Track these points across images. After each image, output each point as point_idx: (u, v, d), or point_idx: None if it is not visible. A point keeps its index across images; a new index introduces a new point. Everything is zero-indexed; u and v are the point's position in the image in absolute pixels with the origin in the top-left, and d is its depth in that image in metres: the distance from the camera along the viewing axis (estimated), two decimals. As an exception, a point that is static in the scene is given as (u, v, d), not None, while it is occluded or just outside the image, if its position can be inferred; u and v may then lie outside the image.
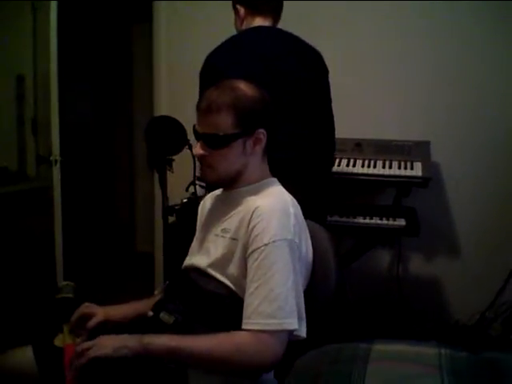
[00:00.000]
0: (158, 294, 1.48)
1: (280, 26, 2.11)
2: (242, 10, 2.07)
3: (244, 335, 1.15)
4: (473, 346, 0.97)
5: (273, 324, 1.14)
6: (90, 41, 4.61)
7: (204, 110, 1.29)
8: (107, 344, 1.13)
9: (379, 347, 0.95)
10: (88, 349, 1.12)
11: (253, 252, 1.20)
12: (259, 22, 2.04)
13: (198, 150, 1.32)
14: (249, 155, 1.31)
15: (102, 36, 4.68)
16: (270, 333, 1.15)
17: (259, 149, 1.32)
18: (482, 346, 0.95)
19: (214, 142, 1.28)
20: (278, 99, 1.83)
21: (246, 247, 1.23)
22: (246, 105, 1.28)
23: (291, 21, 2.14)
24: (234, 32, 2.12)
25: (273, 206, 1.24)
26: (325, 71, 2.06)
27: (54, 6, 2.70)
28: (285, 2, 2.12)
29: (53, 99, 2.75)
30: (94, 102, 4.92)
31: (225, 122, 1.27)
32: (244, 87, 1.31)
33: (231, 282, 1.26)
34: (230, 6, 2.14)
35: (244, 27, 2.08)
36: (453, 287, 2.91)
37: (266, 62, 1.94)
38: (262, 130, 1.30)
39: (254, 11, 2.05)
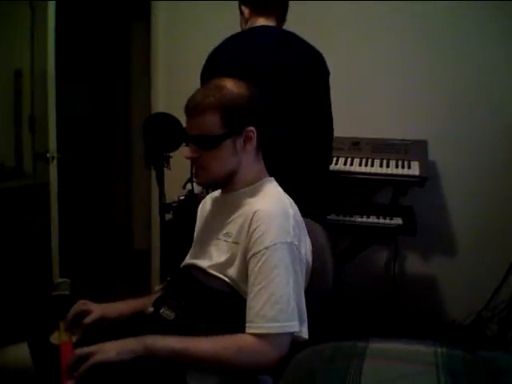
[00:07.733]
0: (158, 291, 1.47)
1: (284, 27, 2.11)
2: (246, 11, 2.08)
3: (247, 338, 1.16)
4: (469, 345, 0.97)
5: (275, 327, 1.15)
6: (88, 37, 4.61)
7: (191, 111, 1.29)
8: (110, 348, 1.12)
9: (375, 345, 0.95)
10: (90, 353, 1.11)
11: (253, 256, 1.20)
12: (262, 22, 2.05)
13: (187, 152, 1.31)
14: (240, 154, 1.30)
15: (100, 33, 4.67)
16: (272, 336, 1.15)
17: (250, 147, 1.31)
18: (478, 346, 0.95)
19: (204, 143, 1.28)
20: (275, 93, 1.81)
21: (246, 251, 1.23)
22: (232, 103, 1.26)
23: (294, 21, 2.14)
24: (232, 30, 2.12)
25: (272, 209, 1.24)
26: (325, 72, 2.04)
27: (52, 2, 2.69)
28: (289, 3, 2.12)
29: (50, 96, 2.74)
30: (91, 98, 4.91)
31: (212, 122, 1.25)
32: (230, 85, 1.29)
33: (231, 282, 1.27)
34: (228, 5, 2.15)
35: (248, 27, 2.09)
36: (449, 286, 2.91)
37: (263, 55, 1.94)
38: (251, 128, 1.29)
39: (257, 12, 2.06)
